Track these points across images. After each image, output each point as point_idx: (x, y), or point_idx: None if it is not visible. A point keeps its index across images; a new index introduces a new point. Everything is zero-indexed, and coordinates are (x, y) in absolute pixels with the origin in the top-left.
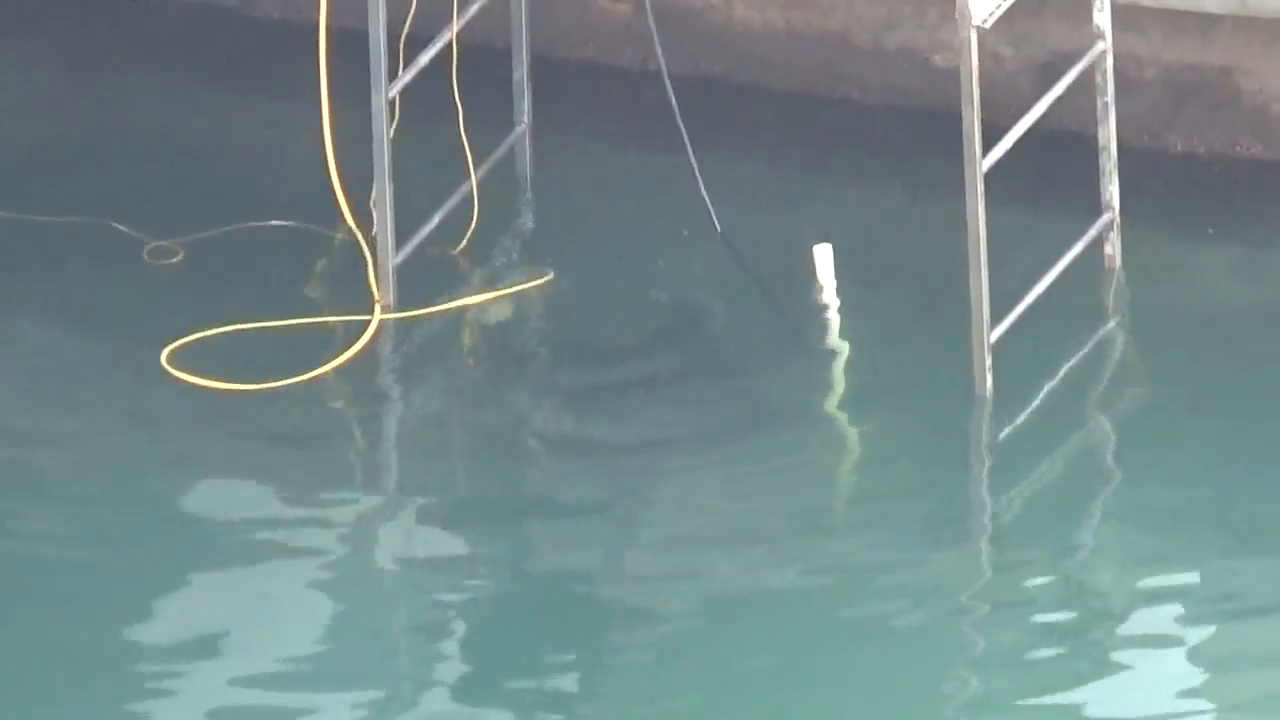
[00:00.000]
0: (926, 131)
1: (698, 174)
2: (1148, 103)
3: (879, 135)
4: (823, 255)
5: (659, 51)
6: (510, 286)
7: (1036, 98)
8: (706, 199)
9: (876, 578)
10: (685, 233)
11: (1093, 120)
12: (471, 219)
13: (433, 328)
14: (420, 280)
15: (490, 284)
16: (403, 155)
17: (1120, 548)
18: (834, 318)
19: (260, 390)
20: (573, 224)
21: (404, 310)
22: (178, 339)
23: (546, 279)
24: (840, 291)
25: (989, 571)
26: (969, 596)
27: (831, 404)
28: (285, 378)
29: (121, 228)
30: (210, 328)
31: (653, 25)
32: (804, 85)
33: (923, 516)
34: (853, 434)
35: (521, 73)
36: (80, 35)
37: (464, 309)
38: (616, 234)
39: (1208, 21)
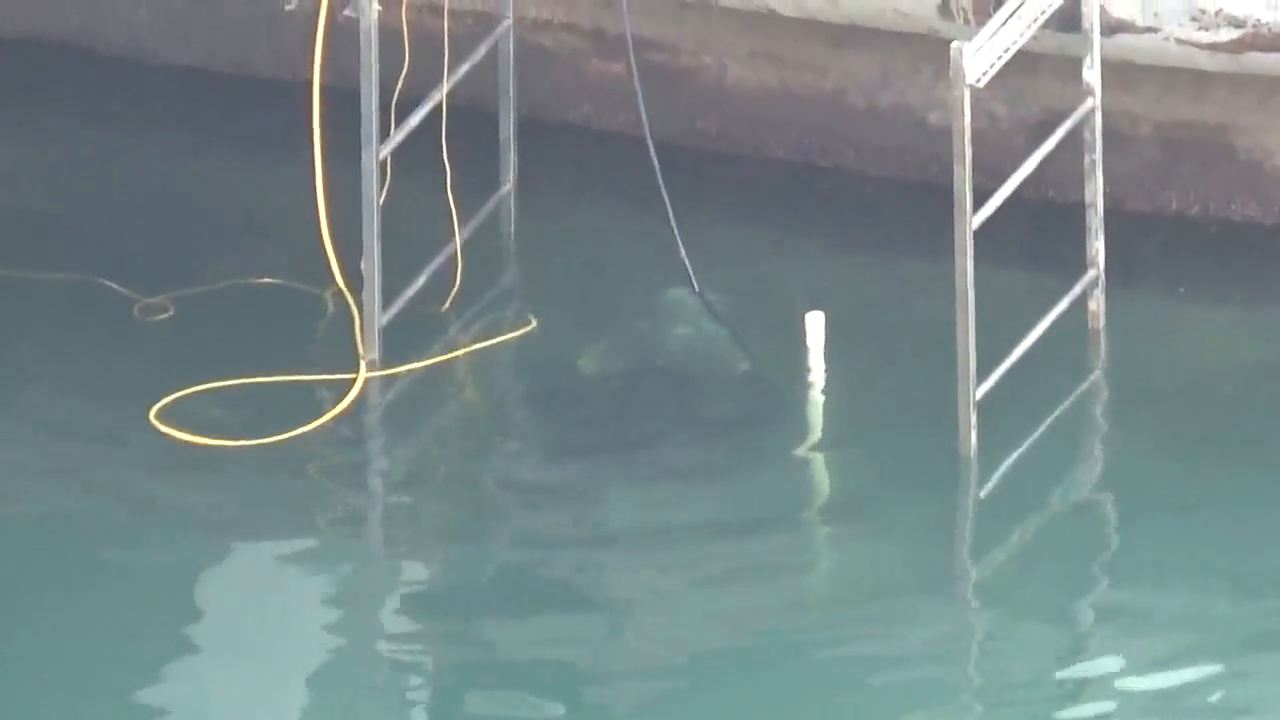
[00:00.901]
0: (920, 190)
1: (677, 234)
2: (1142, 160)
3: (873, 194)
4: (814, 323)
5: (642, 110)
6: (494, 338)
7: (1030, 156)
8: (685, 259)
9: (861, 635)
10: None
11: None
12: (456, 280)
13: (417, 383)
14: (405, 337)
15: (473, 340)
16: (394, 213)
17: (1106, 608)
18: (819, 384)
19: (247, 447)
20: (553, 284)
21: (388, 366)
22: (167, 395)
23: (529, 329)
24: (828, 349)
25: (977, 634)
26: (956, 660)
27: (816, 461)
28: (272, 434)
29: (112, 285)
30: (198, 384)
31: (638, 85)
32: (798, 144)
33: (907, 575)
34: (838, 491)
35: (508, 133)
36: (73, 95)
37: (448, 364)
38: (597, 294)
39: (1202, 79)
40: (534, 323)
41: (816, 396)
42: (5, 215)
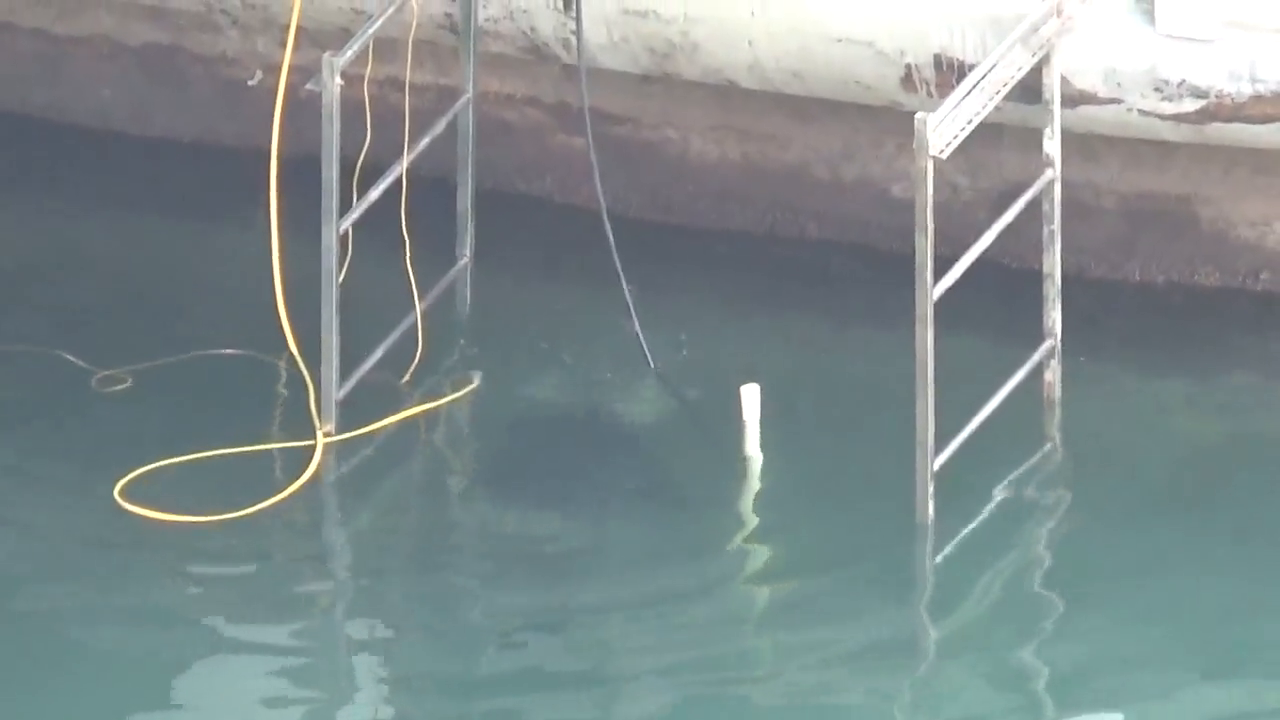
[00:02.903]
0: (883, 261)
1: (632, 308)
2: (1106, 231)
3: (835, 266)
4: (749, 396)
5: (598, 184)
6: (440, 398)
7: (992, 227)
8: (639, 332)
9: (818, 704)
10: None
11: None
12: (416, 352)
13: (372, 450)
14: (364, 408)
15: (422, 406)
16: (354, 285)
17: (1063, 678)
18: (758, 457)
19: (207, 523)
20: (509, 357)
21: (343, 433)
22: (127, 468)
23: (472, 387)
24: (787, 419)
25: (932, 702)
26: None
27: (773, 531)
28: (233, 506)
29: (69, 357)
30: (159, 457)
31: (594, 158)
32: (761, 217)
33: (866, 645)
34: (794, 558)
35: (465, 206)
36: (33, 166)
37: (404, 433)
38: (551, 367)
39: (1165, 150)
40: (476, 381)
41: (762, 465)
42: None
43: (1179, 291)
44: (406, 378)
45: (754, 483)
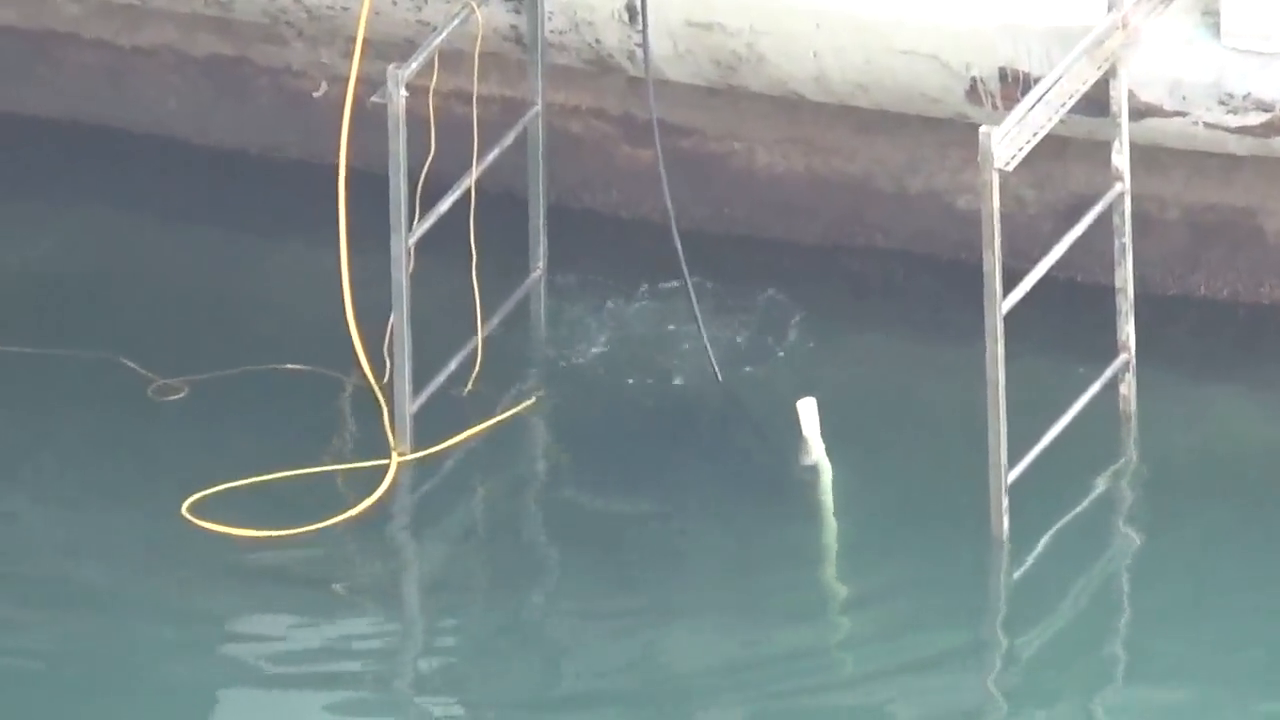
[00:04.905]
0: (949, 275)
1: (700, 322)
2: (1171, 244)
3: (902, 279)
4: (807, 410)
5: (667, 196)
6: (510, 411)
7: (1058, 240)
8: (708, 347)
9: None
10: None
11: (1114, 262)
12: (476, 364)
13: (446, 466)
14: (430, 422)
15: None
16: (422, 298)
17: (1139, 695)
18: (824, 470)
19: (280, 537)
20: (583, 370)
21: (415, 450)
22: (188, 480)
23: (531, 403)
24: (856, 433)
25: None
26: None
27: (844, 546)
28: (304, 523)
29: (130, 364)
30: (220, 470)
31: (662, 171)
32: (826, 230)
33: (940, 660)
34: (870, 573)
35: (538, 220)
36: (98, 176)
37: (473, 444)
38: (626, 383)
39: (1230, 163)
40: (535, 398)
41: (832, 480)
42: (32, 294)
43: (1244, 305)
44: (468, 389)
45: (825, 498)
